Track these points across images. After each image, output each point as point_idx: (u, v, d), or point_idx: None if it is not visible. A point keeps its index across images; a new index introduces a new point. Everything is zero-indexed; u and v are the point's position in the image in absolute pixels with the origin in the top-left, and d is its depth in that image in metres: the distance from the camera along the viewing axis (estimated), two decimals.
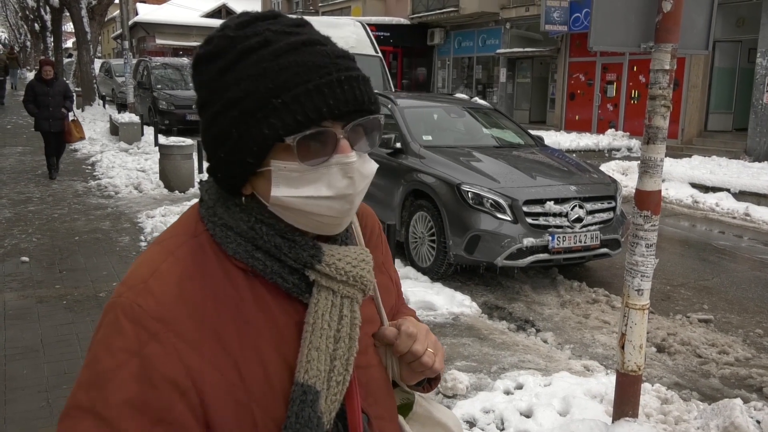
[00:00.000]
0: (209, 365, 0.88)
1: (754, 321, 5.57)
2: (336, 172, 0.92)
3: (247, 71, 0.90)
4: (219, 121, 0.93)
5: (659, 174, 3.05)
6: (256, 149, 0.91)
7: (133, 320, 0.87)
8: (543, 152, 7.25)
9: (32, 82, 10.76)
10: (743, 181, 11.07)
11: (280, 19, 0.95)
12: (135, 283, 0.90)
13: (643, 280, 3.14)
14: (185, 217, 1.02)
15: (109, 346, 0.86)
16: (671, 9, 2.84)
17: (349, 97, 0.90)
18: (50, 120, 10.64)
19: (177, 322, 0.88)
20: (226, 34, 0.94)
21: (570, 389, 3.81)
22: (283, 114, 0.88)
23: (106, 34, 56.92)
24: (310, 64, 0.90)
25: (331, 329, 0.95)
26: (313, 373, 0.92)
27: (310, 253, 0.96)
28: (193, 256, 0.94)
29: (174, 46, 42.46)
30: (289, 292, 0.96)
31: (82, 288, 5.68)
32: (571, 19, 19.37)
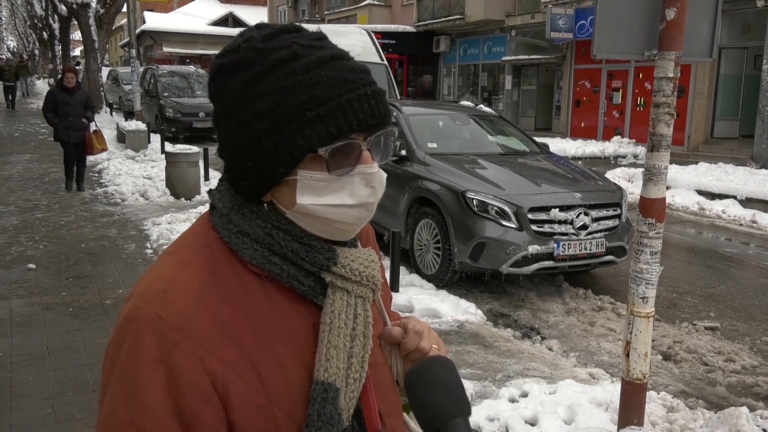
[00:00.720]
0: (230, 371, 0.90)
1: (761, 329, 5.54)
2: (359, 181, 0.96)
3: (279, 83, 0.93)
4: (246, 131, 0.95)
5: (663, 181, 3.05)
6: (289, 159, 0.94)
7: (154, 332, 0.89)
8: (548, 159, 7.25)
9: (53, 89, 10.29)
10: (750, 188, 11.03)
11: (303, 32, 0.99)
12: (153, 295, 0.92)
13: (648, 287, 3.13)
14: (196, 227, 1.04)
15: (137, 359, 0.88)
16: (675, 17, 2.85)
17: (375, 111, 0.95)
18: (70, 130, 10.15)
19: (197, 330, 0.90)
20: (253, 45, 0.96)
21: (575, 397, 3.80)
22: (317, 126, 0.92)
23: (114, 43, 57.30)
24: (340, 79, 0.94)
25: (348, 327, 0.99)
26: (332, 371, 0.95)
27: (326, 256, 0.99)
28: (208, 265, 0.96)
29: (181, 54, 42.70)
30: (304, 295, 0.99)
31: (88, 295, 5.70)
32: (577, 26, 19.38)
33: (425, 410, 0.93)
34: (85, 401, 3.87)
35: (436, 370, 0.95)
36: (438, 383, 0.94)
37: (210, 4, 48.03)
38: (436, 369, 0.96)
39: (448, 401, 0.92)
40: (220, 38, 43.76)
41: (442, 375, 0.95)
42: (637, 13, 2.93)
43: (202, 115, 18.83)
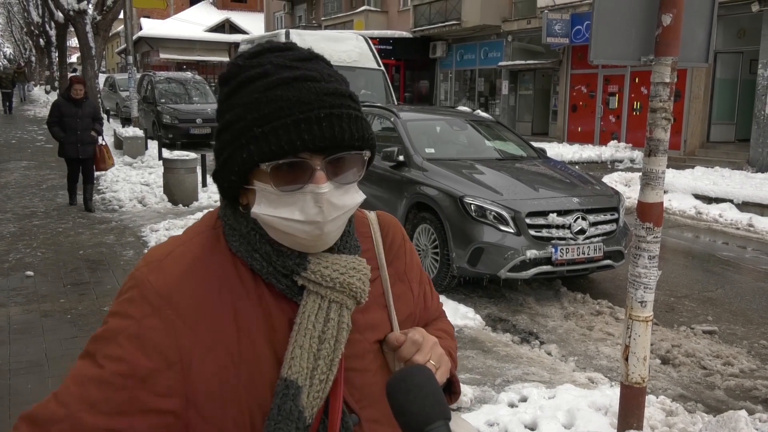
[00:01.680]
0: (201, 344, 0.99)
1: (759, 332, 5.55)
2: (309, 199, 0.99)
3: (242, 99, 1.01)
4: (219, 138, 1.05)
5: (661, 186, 3.07)
6: (237, 170, 1.01)
7: (141, 292, 1.00)
8: (545, 164, 7.27)
9: (59, 101, 9.42)
10: (746, 192, 11.06)
11: (287, 52, 1.04)
12: (151, 261, 1.04)
13: (646, 291, 3.14)
14: (208, 213, 1.14)
15: (121, 310, 1.01)
16: (671, 23, 2.87)
17: (326, 134, 0.97)
18: (78, 145, 9.28)
19: (178, 300, 0.99)
20: (236, 62, 1.05)
21: (574, 401, 3.81)
22: (261, 143, 0.98)
23: (111, 49, 57.33)
24: (294, 100, 0.97)
25: (316, 330, 1.02)
26: (295, 369, 1.00)
27: (295, 262, 1.04)
28: (208, 244, 1.06)
29: (178, 60, 42.71)
30: (283, 293, 1.05)
31: (86, 302, 5.70)
32: (573, 31, 19.45)
33: (404, 415, 0.95)
34: None
35: (415, 377, 0.98)
36: (416, 389, 0.96)
37: (207, 10, 48.10)
38: (414, 376, 0.98)
39: (427, 406, 0.94)
40: (216, 44, 43.81)
41: (420, 381, 0.97)
42: (633, 18, 2.95)
43: (200, 122, 18.85)
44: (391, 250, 1.21)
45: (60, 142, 9.36)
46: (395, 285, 1.18)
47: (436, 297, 1.35)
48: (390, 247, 1.21)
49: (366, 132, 1.03)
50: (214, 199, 10.43)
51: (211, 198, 10.55)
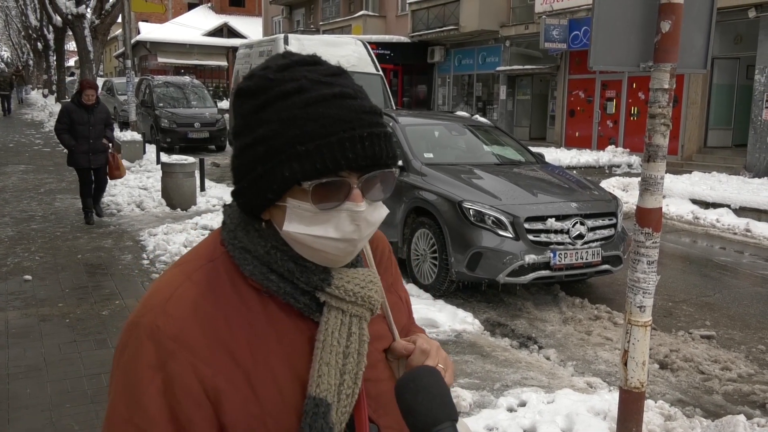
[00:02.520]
0: (223, 379, 0.97)
1: (757, 337, 5.57)
2: (345, 217, 0.99)
3: (279, 114, 0.98)
4: (247, 153, 1.01)
5: (660, 191, 3.08)
6: (275, 187, 0.99)
7: (153, 340, 0.96)
8: (543, 169, 7.29)
9: (68, 106, 8.74)
10: (743, 197, 11.10)
11: (318, 67, 1.02)
12: (154, 305, 1.00)
13: (645, 296, 3.15)
14: (207, 240, 1.10)
15: (137, 363, 0.96)
16: (670, 29, 2.89)
17: (368, 153, 0.97)
18: (90, 154, 8.66)
19: (191, 340, 0.97)
20: (266, 75, 1.01)
21: (573, 406, 3.81)
22: (304, 161, 0.96)
23: (109, 53, 57.33)
24: (336, 118, 0.96)
25: (341, 345, 1.02)
26: (324, 387, 0.99)
27: (320, 277, 1.03)
28: (208, 279, 1.02)
29: (176, 64, 42.75)
30: (301, 312, 1.04)
31: (85, 306, 5.69)
32: (570, 36, 19.51)
33: (412, 416, 0.96)
34: (83, 413, 3.86)
35: (423, 378, 0.99)
36: (424, 390, 0.97)
37: (205, 14, 48.15)
38: (423, 377, 1.00)
39: (435, 407, 0.96)
40: (214, 48, 43.86)
41: (429, 383, 0.99)
42: (632, 25, 2.97)
43: (198, 126, 18.85)
44: (381, 263, 1.22)
45: (70, 151, 8.72)
46: (388, 296, 1.19)
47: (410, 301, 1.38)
48: (380, 260, 1.23)
49: (395, 150, 1.04)
50: (212, 204, 10.44)
51: (209, 202, 10.55)
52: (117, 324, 5.28)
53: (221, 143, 19.35)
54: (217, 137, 19.28)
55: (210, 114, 19.49)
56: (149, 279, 6.57)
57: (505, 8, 23.34)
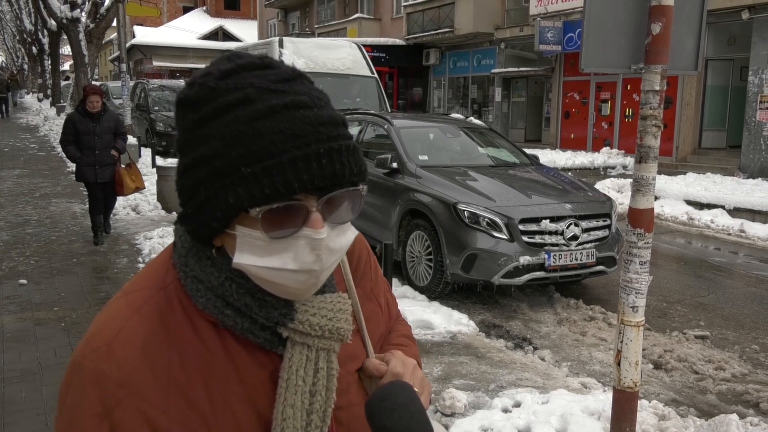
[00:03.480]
0: (177, 425, 0.88)
1: (750, 337, 5.60)
2: (304, 245, 0.86)
3: (221, 131, 0.85)
4: (189, 174, 0.89)
5: (651, 192, 3.10)
6: (220, 215, 0.87)
7: (97, 385, 0.86)
8: (538, 171, 7.31)
9: (73, 116, 7.94)
10: (738, 198, 11.14)
11: (267, 71, 0.89)
12: (98, 345, 0.89)
13: (638, 297, 3.17)
14: (157, 263, 0.99)
15: (81, 411, 0.87)
16: (660, 31, 2.91)
17: (327, 172, 0.85)
18: (96, 167, 7.83)
19: (141, 385, 0.87)
20: (207, 82, 0.88)
21: (568, 407, 3.83)
22: (251, 185, 0.84)
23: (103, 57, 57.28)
24: (288, 133, 0.84)
25: (306, 384, 0.93)
26: (289, 431, 0.91)
27: (281, 312, 0.93)
28: (159, 312, 0.91)
29: (171, 68, 42.77)
30: (260, 346, 0.94)
31: (80, 310, 5.69)
32: (565, 39, 19.57)
33: None
34: None
35: (399, 396, 0.93)
36: (401, 408, 0.92)
37: (200, 17, 48.19)
38: (398, 394, 0.94)
39: (412, 425, 0.91)
40: (210, 52, 43.80)
41: (404, 399, 0.93)
42: (623, 27, 2.99)
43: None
44: (358, 269, 1.12)
45: (76, 164, 7.97)
46: (365, 305, 1.09)
47: (394, 299, 1.26)
48: (357, 265, 1.12)
49: (363, 164, 0.91)
50: None
51: None
52: None
53: None
54: None
55: None
56: None
57: (500, 10, 23.41)
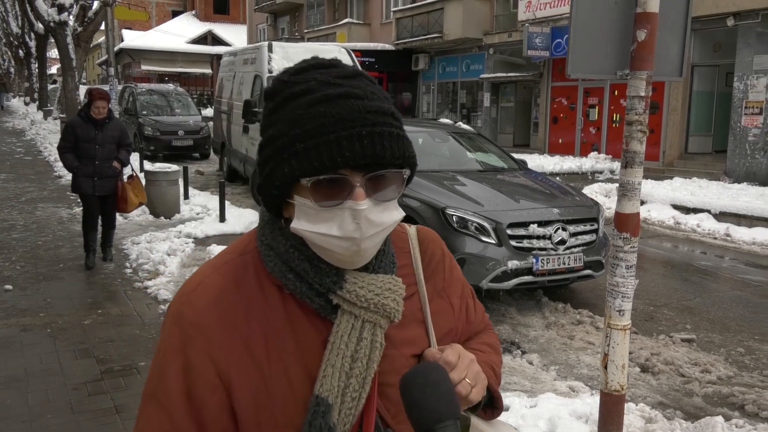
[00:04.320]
0: (235, 368, 1.03)
1: (736, 340, 5.64)
2: (347, 215, 1.00)
3: (286, 115, 1.02)
4: (262, 153, 1.07)
5: (637, 197, 3.13)
6: (278, 184, 1.03)
7: (177, 325, 1.06)
8: (526, 176, 7.35)
9: (74, 121, 7.22)
10: (723, 202, 11.24)
11: (332, 69, 1.05)
12: (183, 294, 1.09)
13: (624, 300, 3.19)
14: (245, 236, 1.18)
15: (165, 345, 1.07)
16: (645, 38, 2.94)
17: (367, 152, 0.98)
18: (95, 179, 7.10)
19: (209, 329, 1.04)
20: (281, 78, 1.06)
21: (556, 410, 3.85)
22: (302, 158, 0.99)
23: (91, 60, 57.02)
24: (337, 117, 0.98)
25: (348, 349, 1.04)
26: (327, 388, 1.02)
27: (332, 280, 1.06)
28: (235, 272, 1.09)
29: (159, 72, 42.62)
30: (317, 312, 1.07)
31: (66, 316, 5.65)
32: (553, 44, 19.69)
33: (417, 410, 0.97)
34: (64, 423, 3.83)
35: (431, 374, 1.00)
36: (432, 386, 0.98)
37: (189, 22, 48.07)
38: (430, 373, 1.00)
39: (440, 403, 0.97)
40: (199, 56, 43.77)
41: (436, 379, 1.00)
42: (609, 34, 3.02)
43: (182, 134, 18.78)
44: (429, 266, 1.22)
45: (73, 174, 7.20)
46: (433, 301, 1.19)
47: (480, 310, 1.35)
48: (429, 262, 1.22)
49: (407, 150, 1.04)
50: (196, 212, 10.42)
51: (192, 210, 10.52)
52: (99, 334, 5.25)
53: (205, 151, 19.24)
54: (201, 145, 19.18)
55: (194, 122, 19.42)
56: (132, 288, 6.54)
57: (489, 16, 23.52)
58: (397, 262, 1.15)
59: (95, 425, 3.82)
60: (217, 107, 15.85)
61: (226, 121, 14.59)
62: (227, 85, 14.80)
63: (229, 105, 14.24)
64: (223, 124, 14.94)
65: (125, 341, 5.12)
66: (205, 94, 42.79)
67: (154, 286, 6.46)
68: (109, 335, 5.24)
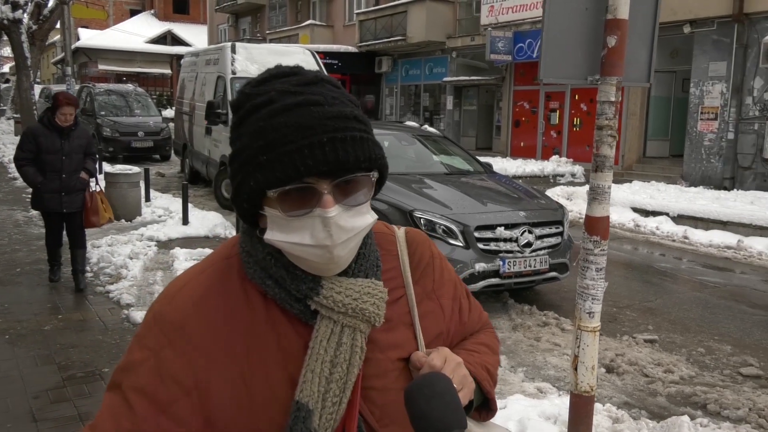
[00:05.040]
0: (216, 372, 1.03)
1: (696, 340, 5.78)
2: (318, 223, 1.00)
3: (249, 127, 1.02)
4: (231, 167, 1.08)
5: (607, 201, 3.18)
6: (246, 197, 1.04)
7: (158, 324, 1.06)
8: (492, 179, 7.41)
9: (35, 129, 6.20)
10: (681, 205, 11.52)
11: (291, 78, 1.05)
12: (166, 295, 1.10)
13: (594, 302, 3.24)
14: (229, 240, 1.19)
15: (141, 341, 1.07)
16: (615, 44, 2.99)
17: (330, 158, 0.97)
18: (63, 194, 6.18)
19: (191, 331, 1.04)
20: (244, 91, 1.06)
21: (525, 411, 3.88)
22: (266, 170, 0.99)
23: (46, 59, 55.61)
24: (296, 126, 0.98)
25: (328, 354, 1.04)
26: (306, 393, 1.02)
27: (308, 286, 1.06)
28: (220, 276, 1.10)
29: (117, 72, 41.78)
30: (298, 317, 1.07)
31: (25, 322, 5.49)
32: (515, 48, 19.92)
33: (424, 421, 0.97)
34: None
35: (437, 385, 1.00)
36: (438, 396, 0.98)
37: (148, 21, 47.24)
38: (436, 383, 1.00)
39: (447, 414, 0.97)
40: (158, 56, 43.05)
41: (442, 389, 0.99)
42: (580, 40, 3.07)
43: (142, 135, 18.47)
44: (418, 268, 1.20)
45: (35, 189, 6.23)
46: (422, 303, 1.18)
47: (476, 309, 1.34)
48: (417, 264, 1.21)
49: (373, 152, 1.03)
50: (158, 214, 10.24)
51: (154, 213, 10.33)
52: (60, 340, 5.11)
53: (166, 153, 18.94)
54: (161, 146, 18.87)
55: (154, 123, 19.11)
56: (93, 292, 6.39)
57: (452, 20, 23.68)
58: (383, 265, 1.15)
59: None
60: (179, 108, 15.62)
61: (187, 122, 14.39)
62: (189, 86, 14.60)
63: (191, 106, 14.05)
64: (184, 126, 14.72)
65: (88, 347, 5.00)
66: (165, 95, 42.13)
67: (117, 291, 6.33)
68: (70, 341, 5.10)
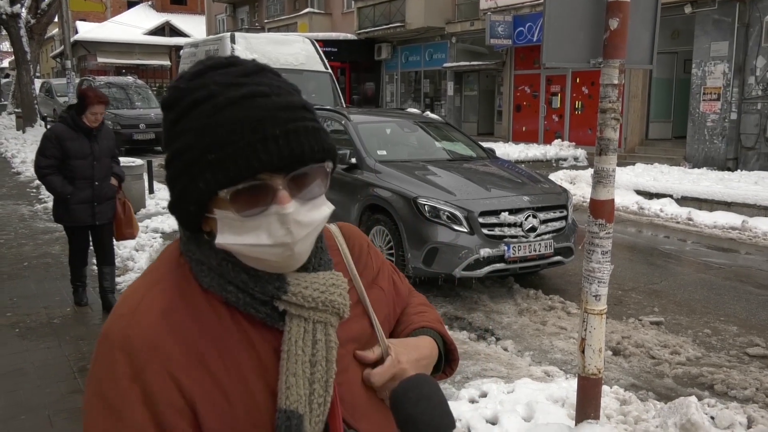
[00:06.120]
0: (198, 388, 0.94)
1: (702, 321, 5.80)
2: (275, 221, 0.94)
3: (190, 125, 0.95)
4: (170, 167, 0.99)
5: (612, 184, 3.19)
6: (194, 200, 0.96)
7: (124, 351, 0.93)
8: (495, 164, 7.41)
9: (59, 131, 5.24)
10: (685, 187, 11.50)
11: (231, 69, 0.98)
12: (123, 313, 0.97)
13: (600, 285, 3.26)
14: (168, 250, 1.07)
15: (112, 376, 0.93)
16: (618, 26, 2.98)
17: (284, 152, 0.92)
18: (95, 203, 5.36)
19: (165, 347, 0.94)
20: (178, 85, 0.98)
21: (533, 395, 3.90)
22: (216, 170, 0.92)
23: (45, 53, 55.48)
24: (245, 120, 0.92)
25: (306, 354, 0.99)
26: (293, 398, 0.97)
27: (275, 285, 0.99)
28: (178, 286, 1.00)
29: (116, 64, 41.68)
30: (264, 322, 1.00)
31: (35, 315, 5.53)
32: (515, 33, 19.83)
33: (412, 425, 0.96)
34: (38, 424, 3.76)
35: (423, 387, 0.99)
36: (425, 399, 0.97)
37: (146, 12, 47.05)
38: (422, 386, 0.99)
39: (435, 416, 0.96)
40: (157, 48, 42.92)
41: (428, 392, 0.98)
42: (582, 23, 3.06)
43: (143, 127, 18.46)
44: (360, 260, 1.19)
45: (63, 201, 5.31)
46: (369, 291, 1.17)
47: (404, 279, 1.35)
48: (359, 256, 1.20)
49: (325, 142, 0.98)
50: (162, 206, 10.26)
51: (158, 205, 10.36)
52: (70, 332, 5.15)
53: None
54: None
55: (155, 114, 19.08)
56: None
57: (451, 5, 23.57)
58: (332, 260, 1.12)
59: (71, 424, 3.76)
60: None
61: None
62: None
63: None
64: None
65: (97, 338, 5.02)
66: (165, 86, 42.05)
67: (123, 282, 6.36)
68: (80, 333, 5.14)
